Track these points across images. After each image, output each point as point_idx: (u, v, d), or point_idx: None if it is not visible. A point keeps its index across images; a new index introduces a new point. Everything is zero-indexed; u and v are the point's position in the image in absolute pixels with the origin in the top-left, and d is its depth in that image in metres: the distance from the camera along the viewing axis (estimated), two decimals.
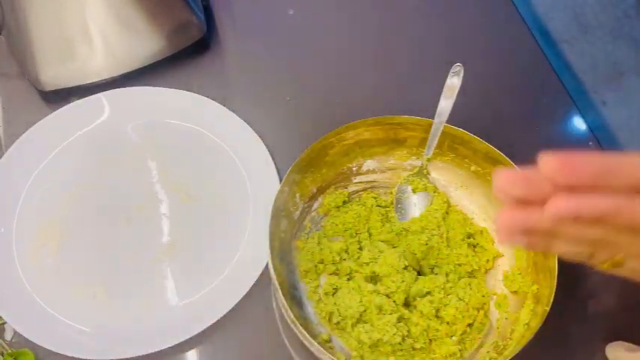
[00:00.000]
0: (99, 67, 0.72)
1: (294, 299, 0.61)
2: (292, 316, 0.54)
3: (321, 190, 0.66)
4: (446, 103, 0.61)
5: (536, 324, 0.55)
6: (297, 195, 0.64)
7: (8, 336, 0.61)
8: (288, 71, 0.78)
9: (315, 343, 0.53)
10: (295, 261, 0.63)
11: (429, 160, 0.66)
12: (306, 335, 0.53)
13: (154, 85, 0.74)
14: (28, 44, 0.69)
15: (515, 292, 0.61)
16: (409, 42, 0.81)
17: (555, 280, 0.55)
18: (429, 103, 0.63)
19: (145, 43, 0.73)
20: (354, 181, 0.68)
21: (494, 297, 0.62)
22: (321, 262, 0.63)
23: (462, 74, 0.61)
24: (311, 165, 0.64)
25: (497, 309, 0.61)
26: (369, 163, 0.68)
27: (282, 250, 0.61)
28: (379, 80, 0.78)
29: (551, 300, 0.54)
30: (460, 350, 0.59)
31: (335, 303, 0.60)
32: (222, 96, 0.73)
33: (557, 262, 0.56)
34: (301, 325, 0.53)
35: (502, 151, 0.61)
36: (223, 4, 0.83)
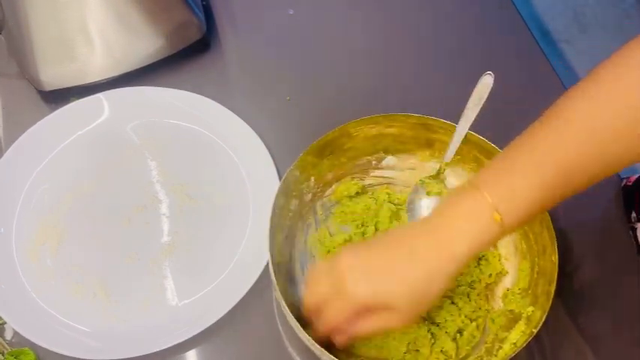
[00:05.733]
0: (99, 67, 0.72)
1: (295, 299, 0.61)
2: (292, 316, 0.54)
3: (336, 178, 0.66)
4: (472, 111, 0.60)
5: (521, 343, 0.53)
6: (312, 179, 0.63)
7: (8, 336, 0.61)
8: (288, 71, 0.78)
9: (316, 344, 0.53)
10: None
11: (447, 165, 0.63)
12: (307, 335, 0.53)
13: (154, 85, 0.74)
14: (28, 44, 0.69)
15: (510, 312, 0.59)
16: (409, 41, 0.81)
17: (550, 304, 0.54)
18: (429, 104, 0.63)
19: (144, 43, 0.73)
20: (372, 174, 0.67)
21: (490, 311, 0.61)
22: None
23: (491, 82, 0.59)
24: (327, 152, 0.63)
25: (489, 325, 0.60)
26: (390, 160, 0.67)
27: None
28: (379, 80, 0.78)
29: (542, 323, 0.53)
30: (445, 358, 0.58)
31: None
32: (222, 96, 0.73)
33: (554, 287, 0.55)
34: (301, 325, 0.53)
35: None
36: (223, 4, 0.83)
